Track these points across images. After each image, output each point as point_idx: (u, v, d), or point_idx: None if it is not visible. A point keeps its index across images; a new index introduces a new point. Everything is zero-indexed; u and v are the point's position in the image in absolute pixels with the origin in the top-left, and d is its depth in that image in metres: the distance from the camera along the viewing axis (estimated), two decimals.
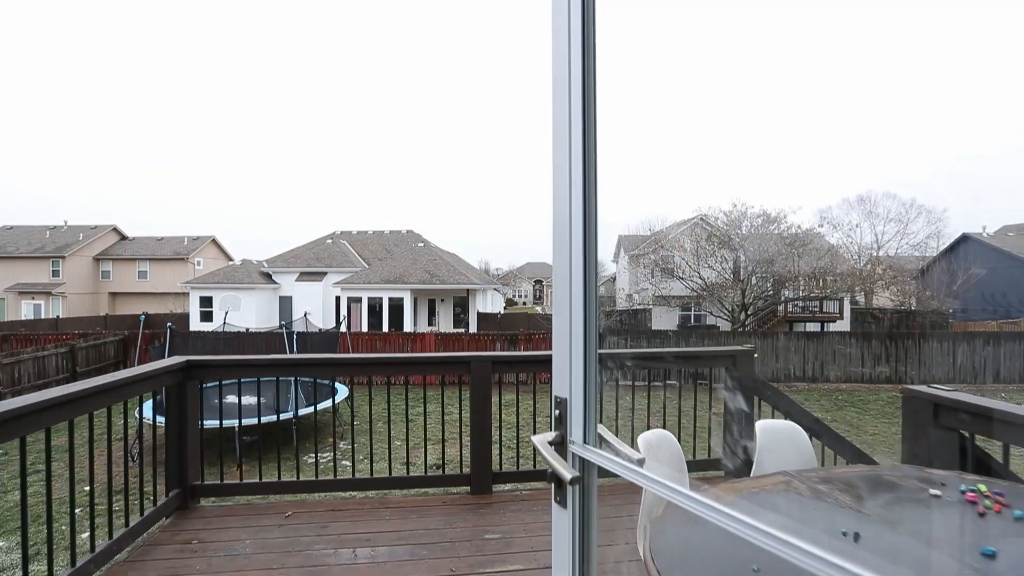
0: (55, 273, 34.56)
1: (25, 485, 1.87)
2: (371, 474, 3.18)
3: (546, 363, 3.44)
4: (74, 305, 34.27)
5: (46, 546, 2.00)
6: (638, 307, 27.02)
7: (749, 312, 21.07)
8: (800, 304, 24.24)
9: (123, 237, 39.49)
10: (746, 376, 3.34)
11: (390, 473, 3.18)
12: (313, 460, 9.78)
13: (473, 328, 26.46)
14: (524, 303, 74.36)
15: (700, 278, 21.80)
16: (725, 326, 24.62)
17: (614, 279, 60.20)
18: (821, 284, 20.78)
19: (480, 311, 27.93)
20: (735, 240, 20.67)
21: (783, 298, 22.91)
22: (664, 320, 26.56)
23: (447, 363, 3.19)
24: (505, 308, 43.29)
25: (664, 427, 3.49)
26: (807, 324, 24.77)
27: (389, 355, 2.92)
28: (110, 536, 2.36)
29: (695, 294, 22.84)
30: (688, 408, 3.52)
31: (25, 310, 33.70)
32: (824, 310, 25.22)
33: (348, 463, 9.26)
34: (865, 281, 20.91)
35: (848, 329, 24.42)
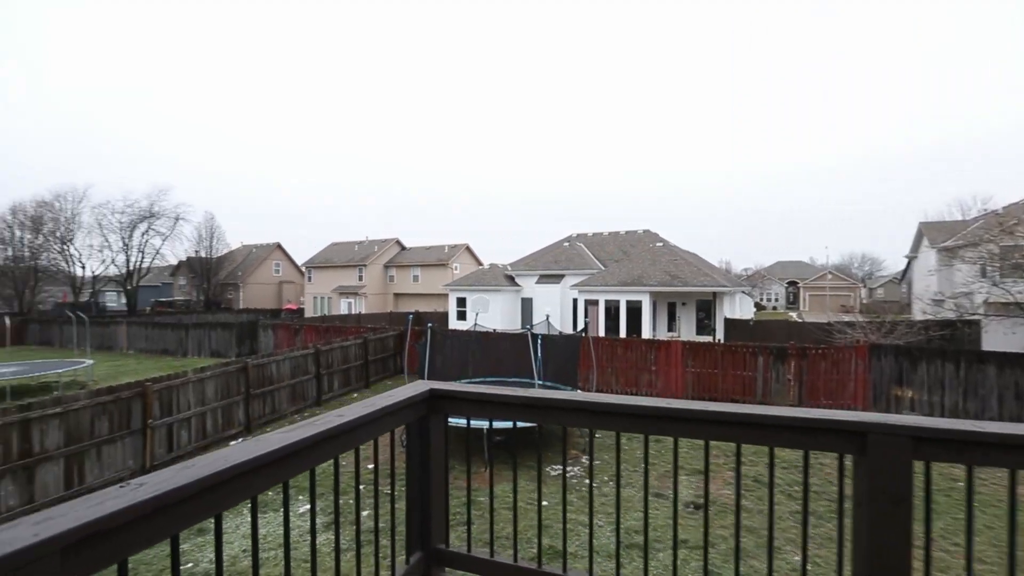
0: (360, 278, 43.85)
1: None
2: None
3: None
4: (372, 303, 42.87)
5: None
6: (960, 318, 19.87)
7: None
8: None
9: (403, 247, 47.91)
10: None
11: None
12: (560, 471, 9.27)
13: (720, 335, 23.44)
14: (774, 307, 64.82)
15: None
16: None
17: (900, 278, 47.31)
18: None
19: (727, 316, 24.65)
20: None
21: None
22: (1007, 339, 18.89)
23: (809, 429, 1.81)
24: (755, 313, 37.88)
25: None
26: None
27: (712, 409, 1.64)
28: None
29: None
30: None
31: (343, 306, 43.58)
32: None
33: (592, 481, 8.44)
34: None
35: None
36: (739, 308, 28.89)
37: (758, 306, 54.85)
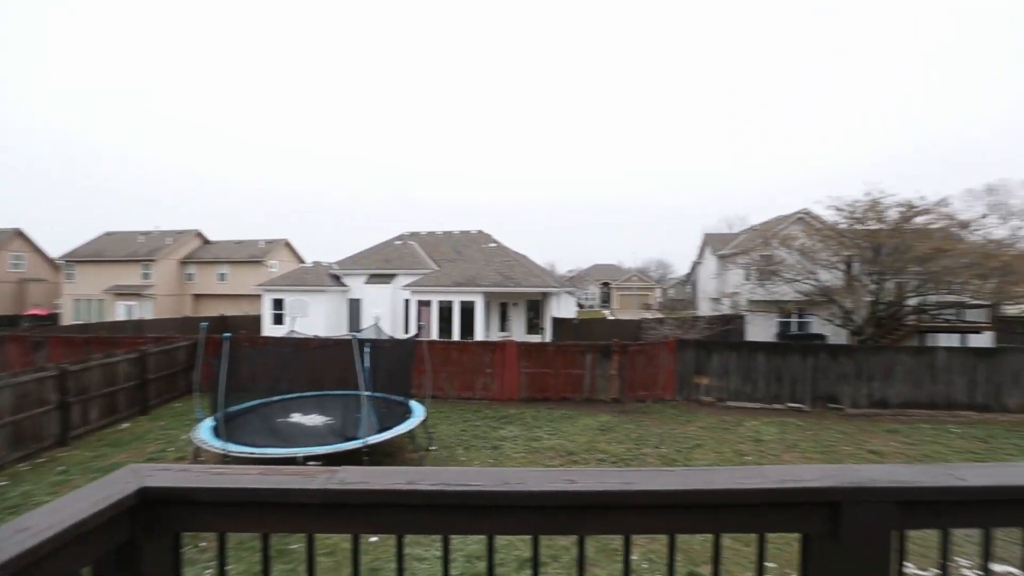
0: (145, 276, 36.16)
1: None
2: None
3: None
4: (163, 306, 35.67)
5: None
6: (735, 312, 23.90)
7: (879, 320, 17.68)
8: (935, 312, 20.06)
9: (206, 241, 40.97)
10: None
11: None
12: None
13: (549, 335, 24.54)
14: (591, 306, 71.71)
15: (815, 280, 18.58)
16: (834, 335, 21.22)
17: (687, 280, 56.12)
18: (973, 287, 16.79)
19: (555, 316, 25.99)
20: (858, 235, 17.30)
21: (915, 305, 19.08)
22: (765, 330, 23.36)
23: (761, 506, 1.26)
24: (577, 312, 41.02)
25: None
26: (943, 335, 20.89)
27: (629, 489, 0.88)
28: None
29: (807, 299, 19.62)
30: None
31: (121, 311, 35.43)
32: (967, 319, 21.20)
33: None
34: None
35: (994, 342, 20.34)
36: (564, 308, 30.83)
37: (580, 306, 59.90)
